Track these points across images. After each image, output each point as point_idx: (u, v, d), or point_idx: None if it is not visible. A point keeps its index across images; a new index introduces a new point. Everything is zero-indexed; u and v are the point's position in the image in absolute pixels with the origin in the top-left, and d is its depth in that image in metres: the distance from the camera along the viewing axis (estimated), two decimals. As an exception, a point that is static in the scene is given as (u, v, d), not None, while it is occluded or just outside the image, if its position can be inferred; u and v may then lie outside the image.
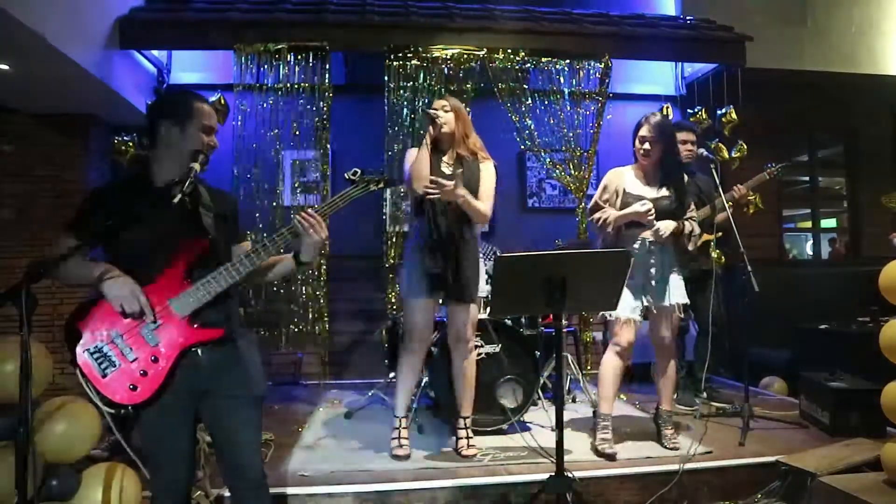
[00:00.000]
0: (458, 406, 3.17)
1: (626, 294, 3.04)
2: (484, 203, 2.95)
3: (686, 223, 3.12)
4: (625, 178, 3.17)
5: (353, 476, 2.81)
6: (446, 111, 2.99)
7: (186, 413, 1.82)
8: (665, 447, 3.17)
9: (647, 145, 3.08)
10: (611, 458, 2.98)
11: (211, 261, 1.80)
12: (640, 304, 3.10)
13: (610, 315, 3.10)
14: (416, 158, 2.91)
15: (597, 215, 3.14)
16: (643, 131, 3.10)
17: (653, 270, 3.11)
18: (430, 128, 2.96)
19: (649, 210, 2.99)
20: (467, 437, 3.14)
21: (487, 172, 3.05)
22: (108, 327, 1.70)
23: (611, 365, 3.14)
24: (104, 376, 1.69)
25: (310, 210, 1.87)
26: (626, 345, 3.11)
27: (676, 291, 3.12)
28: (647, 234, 3.08)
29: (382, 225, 5.10)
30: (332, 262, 4.83)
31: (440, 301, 3.09)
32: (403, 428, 3.12)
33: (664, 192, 3.14)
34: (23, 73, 3.91)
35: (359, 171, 1.97)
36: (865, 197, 6.20)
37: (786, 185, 6.36)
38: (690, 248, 3.18)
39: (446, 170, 2.97)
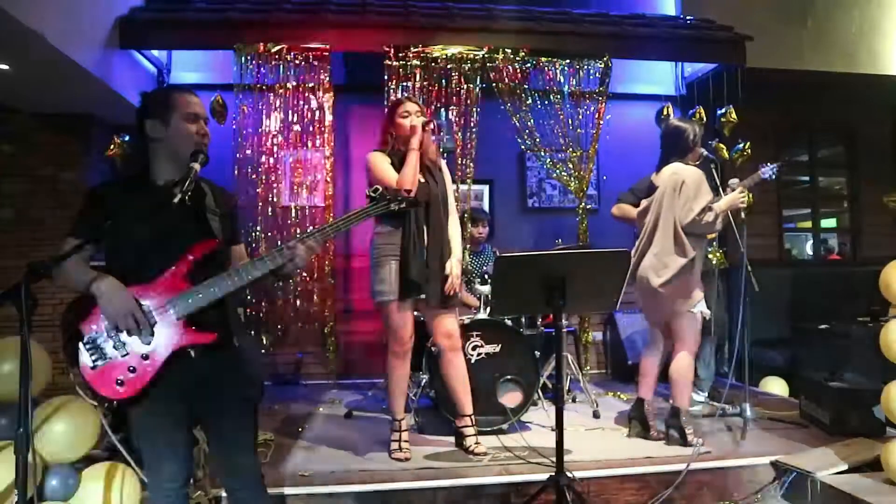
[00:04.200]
0: (460, 406, 3.17)
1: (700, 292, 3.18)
2: (455, 211, 3.19)
3: None
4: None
5: (353, 476, 2.81)
6: (419, 115, 3.06)
7: (181, 413, 1.81)
8: (652, 439, 3.24)
9: None
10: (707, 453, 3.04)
11: (214, 263, 1.79)
12: None
13: (703, 312, 3.15)
14: (409, 166, 2.93)
15: (712, 215, 3.09)
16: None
17: None
18: (417, 134, 2.98)
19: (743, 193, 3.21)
20: (475, 435, 3.16)
21: (449, 178, 3.20)
22: (106, 320, 1.69)
23: (691, 364, 3.21)
24: (93, 368, 1.68)
25: (309, 242, 1.82)
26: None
27: None
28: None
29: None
30: (333, 262, 4.84)
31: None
32: (403, 430, 3.12)
33: None
34: (23, 73, 3.91)
35: (379, 189, 1.97)
36: (865, 197, 6.19)
37: (786, 185, 6.35)
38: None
39: (420, 178, 3.04)
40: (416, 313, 4.07)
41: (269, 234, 4.71)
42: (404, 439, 3.09)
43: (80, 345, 1.69)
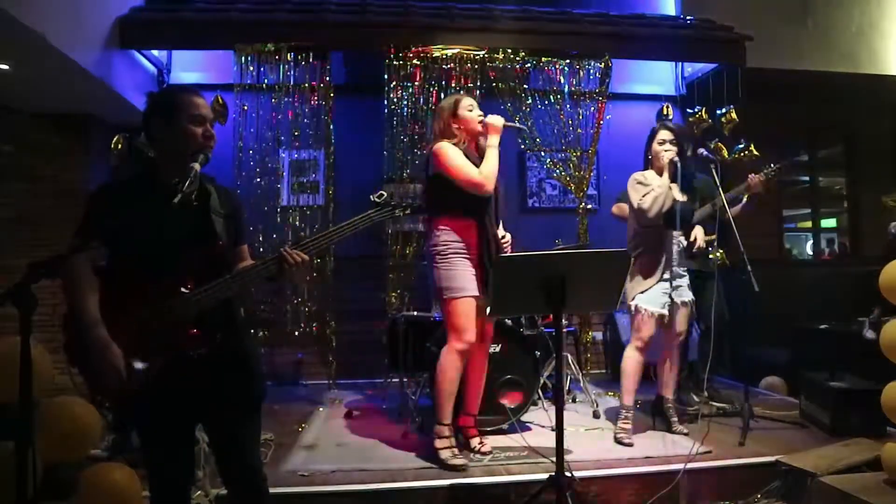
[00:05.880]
0: (470, 405, 3.16)
1: (657, 290, 3.26)
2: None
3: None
4: (653, 181, 3.28)
5: (353, 476, 2.81)
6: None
7: (183, 414, 1.81)
8: (675, 433, 3.34)
9: (667, 147, 3.28)
10: (628, 446, 3.17)
11: (219, 266, 1.78)
12: (667, 300, 3.27)
13: (643, 310, 3.25)
14: (492, 162, 2.91)
15: (650, 194, 3.17)
16: (664, 135, 3.31)
17: (681, 269, 3.36)
18: (499, 132, 2.96)
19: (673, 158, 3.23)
20: (480, 435, 3.17)
21: None
22: (107, 320, 1.68)
23: (634, 360, 3.35)
24: (94, 369, 1.67)
25: (294, 252, 1.79)
26: (647, 339, 3.31)
27: (689, 287, 3.41)
28: (683, 240, 3.36)
29: (383, 225, 5.10)
30: (333, 262, 4.84)
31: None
32: (453, 436, 3.00)
33: (686, 197, 3.36)
34: (23, 73, 3.91)
35: (384, 194, 1.96)
36: (865, 197, 6.20)
37: (786, 185, 6.36)
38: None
39: None
40: (416, 313, 4.07)
41: (269, 234, 4.70)
42: (454, 444, 2.98)
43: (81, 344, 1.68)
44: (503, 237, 3.12)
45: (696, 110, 5.07)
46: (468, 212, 2.94)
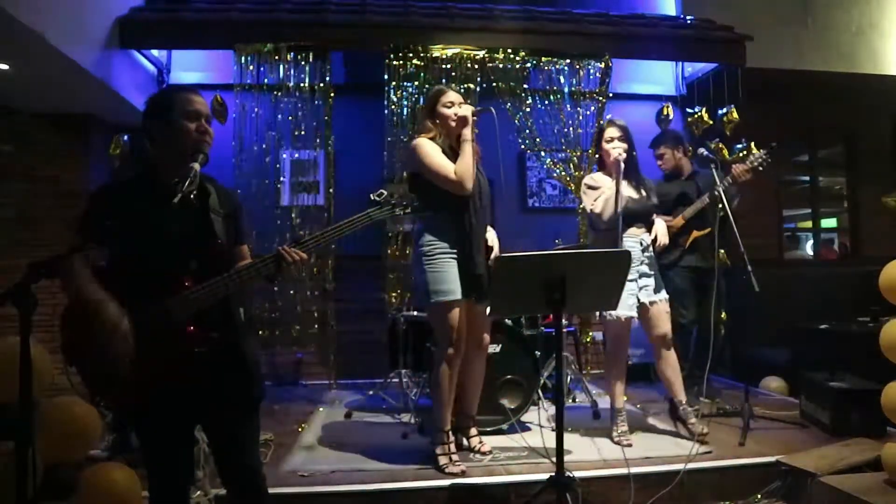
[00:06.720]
0: (468, 406, 3.14)
1: (624, 292, 3.11)
2: None
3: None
4: (603, 182, 3.25)
5: (353, 476, 2.81)
6: (462, 105, 2.93)
7: (183, 414, 1.81)
8: (694, 433, 3.19)
9: (614, 145, 3.20)
10: (627, 447, 3.12)
11: (218, 266, 1.78)
12: (635, 302, 3.22)
13: (609, 315, 3.21)
14: (467, 158, 2.79)
15: (601, 197, 3.16)
16: (611, 132, 3.22)
17: (647, 268, 3.28)
18: (470, 124, 2.85)
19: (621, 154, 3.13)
20: (479, 435, 3.16)
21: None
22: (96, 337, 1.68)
23: (613, 364, 3.33)
24: (94, 371, 1.67)
25: (293, 250, 1.80)
26: (620, 343, 3.30)
27: (663, 286, 3.35)
28: (647, 238, 3.27)
29: (381, 224, 5.10)
30: (333, 262, 4.84)
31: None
32: (452, 443, 2.94)
33: (642, 192, 3.31)
34: (23, 73, 3.91)
35: (384, 193, 1.95)
36: (865, 197, 6.20)
37: (786, 185, 6.36)
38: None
39: None
40: (416, 313, 4.07)
41: (269, 234, 4.70)
42: (454, 451, 2.93)
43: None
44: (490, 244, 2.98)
45: (696, 110, 5.08)
46: (450, 210, 2.84)
